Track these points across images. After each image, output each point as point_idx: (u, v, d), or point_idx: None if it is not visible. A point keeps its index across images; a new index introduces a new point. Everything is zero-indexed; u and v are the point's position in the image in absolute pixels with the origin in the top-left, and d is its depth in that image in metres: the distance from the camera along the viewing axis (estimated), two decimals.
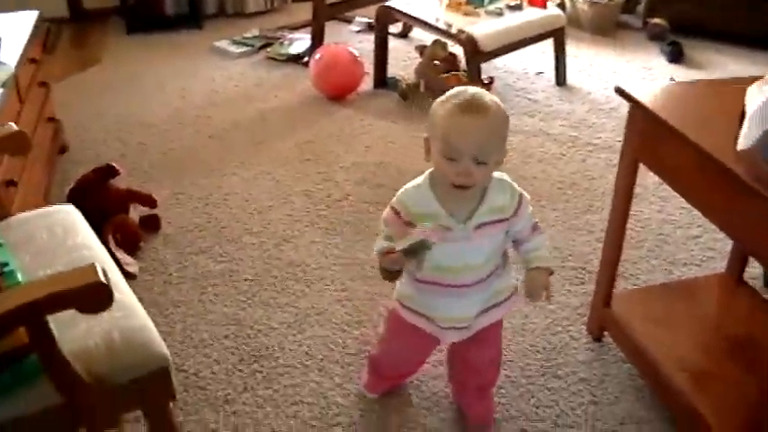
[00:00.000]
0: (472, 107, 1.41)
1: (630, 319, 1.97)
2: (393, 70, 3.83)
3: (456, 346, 1.76)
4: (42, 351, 1.26)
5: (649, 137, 1.71)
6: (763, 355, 1.85)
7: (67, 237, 1.68)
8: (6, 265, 1.46)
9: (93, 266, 1.23)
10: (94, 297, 1.22)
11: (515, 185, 1.56)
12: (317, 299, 2.27)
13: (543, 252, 1.61)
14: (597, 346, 2.10)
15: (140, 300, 1.57)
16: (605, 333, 2.08)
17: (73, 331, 1.37)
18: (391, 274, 1.54)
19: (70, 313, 1.22)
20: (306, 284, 2.34)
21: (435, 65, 3.58)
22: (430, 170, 1.52)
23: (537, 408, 1.91)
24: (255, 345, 2.11)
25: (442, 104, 1.45)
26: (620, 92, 1.75)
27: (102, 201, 2.50)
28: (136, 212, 2.59)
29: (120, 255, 2.39)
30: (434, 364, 1.97)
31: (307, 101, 3.60)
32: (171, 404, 1.50)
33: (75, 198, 2.46)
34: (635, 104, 1.72)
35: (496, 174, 1.53)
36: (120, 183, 2.60)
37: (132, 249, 2.48)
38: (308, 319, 2.19)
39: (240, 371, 2.02)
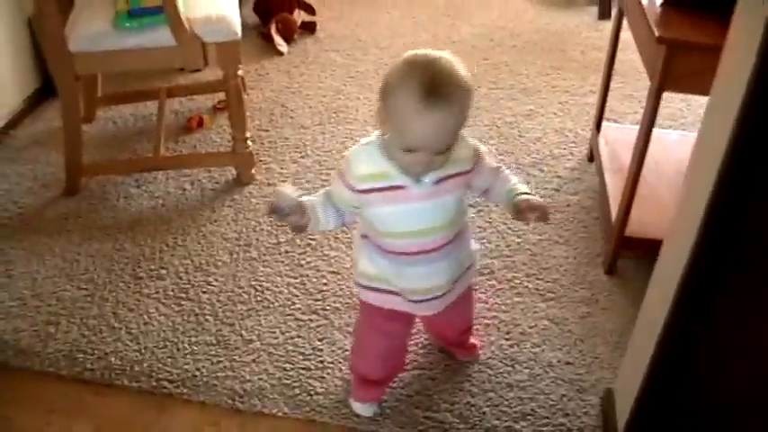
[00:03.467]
0: (435, 95, 1.25)
1: None
2: None
3: (429, 318, 1.71)
4: (170, 10, 2.18)
5: None
6: None
7: None
8: None
9: None
10: None
11: (471, 139, 1.48)
12: None
13: (517, 184, 1.53)
14: None
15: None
16: None
17: (190, 5, 2.29)
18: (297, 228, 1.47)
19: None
20: None
21: None
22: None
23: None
24: None
25: (400, 82, 1.29)
26: None
27: (278, 1, 3.45)
28: (300, 16, 3.51)
29: (277, 37, 3.34)
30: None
31: None
32: (240, 71, 2.38)
33: None
34: None
35: None
36: None
37: (288, 39, 3.41)
38: None
39: None
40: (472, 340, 1.90)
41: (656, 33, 1.80)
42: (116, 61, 2.28)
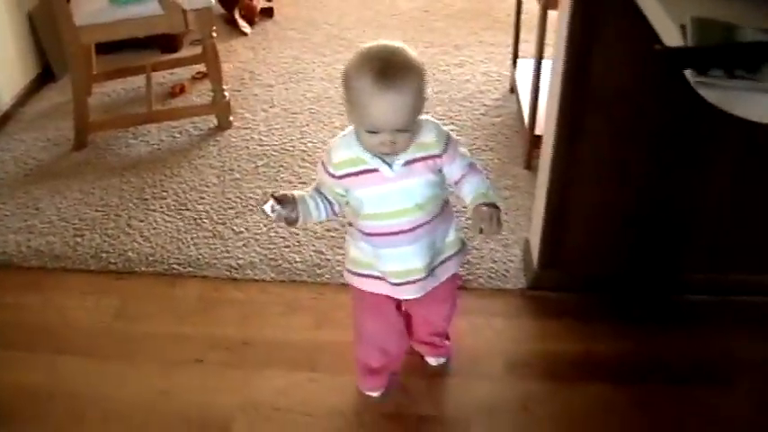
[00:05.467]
0: (388, 77, 1.35)
1: None
2: None
3: (410, 303, 1.74)
4: None
5: None
6: None
7: None
8: None
9: None
10: None
11: (442, 126, 1.55)
12: None
13: (484, 189, 1.55)
14: None
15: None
16: None
17: None
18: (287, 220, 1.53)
19: None
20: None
21: None
22: None
23: None
24: None
25: (357, 70, 1.39)
26: None
27: None
28: (259, 3, 4.04)
29: (240, 21, 3.87)
30: None
31: None
32: (214, 33, 2.90)
33: None
34: None
35: (422, 116, 1.48)
36: None
37: (250, 22, 3.94)
38: None
39: None
40: (444, 345, 1.94)
41: None
42: (114, 30, 2.80)
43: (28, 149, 3.00)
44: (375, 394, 1.89)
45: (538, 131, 2.66)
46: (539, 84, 2.56)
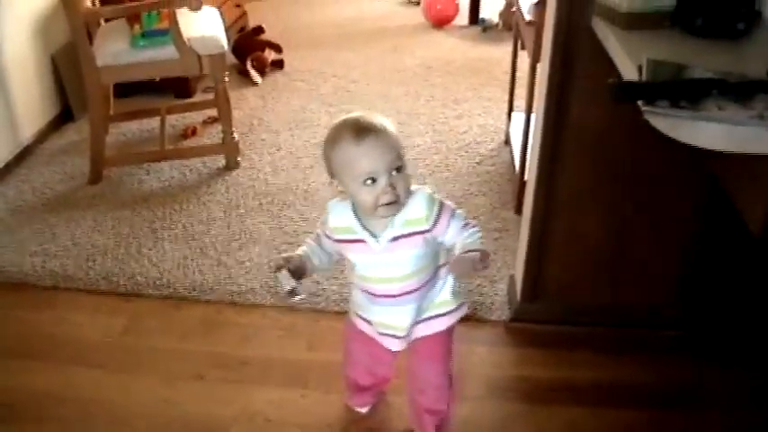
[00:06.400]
0: (364, 127, 1.44)
1: None
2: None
3: (408, 359, 1.78)
4: (174, 31, 2.91)
5: None
6: None
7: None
8: None
9: None
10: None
11: (435, 196, 1.55)
12: None
13: (471, 240, 1.54)
14: None
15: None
16: None
17: (188, 29, 3.03)
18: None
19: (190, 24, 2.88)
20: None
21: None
22: None
23: None
24: None
25: (333, 138, 1.47)
26: None
27: (251, 43, 4.22)
28: (270, 55, 4.27)
29: (252, 71, 4.09)
30: None
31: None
32: (226, 78, 3.10)
33: (237, 40, 4.21)
34: None
35: (414, 186, 1.53)
36: (264, 36, 4.31)
37: (261, 73, 4.16)
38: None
39: None
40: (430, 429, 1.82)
41: (527, 19, 2.56)
42: (132, 71, 3.00)
43: (46, 182, 3.18)
44: (363, 410, 1.99)
45: (527, 177, 2.83)
46: (528, 132, 2.74)
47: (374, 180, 1.44)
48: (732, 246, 2.08)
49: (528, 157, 2.65)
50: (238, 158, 3.22)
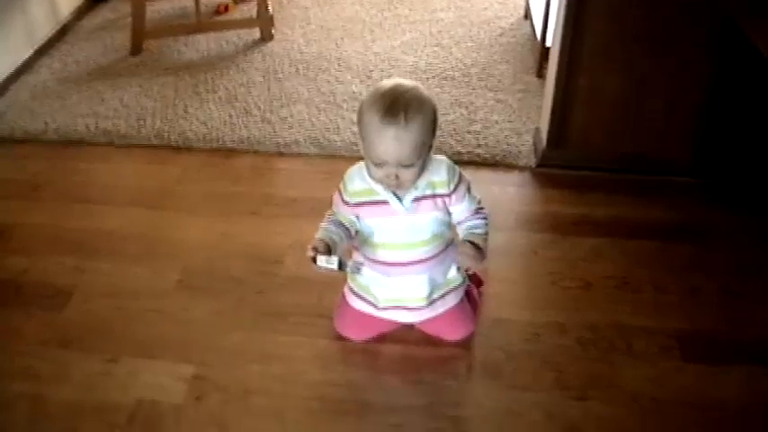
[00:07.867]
0: (395, 113, 1.40)
1: None
2: None
3: (424, 324, 1.79)
4: None
5: None
6: None
7: None
8: None
9: None
10: None
11: (456, 168, 1.61)
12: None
13: (479, 230, 1.61)
14: None
15: None
16: None
17: None
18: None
19: None
20: None
21: None
22: None
23: None
24: None
25: (368, 106, 1.45)
26: None
27: None
28: None
29: None
30: None
31: None
32: None
33: None
34: None
35: (437, 156, 1.57)
36: None
37: None
38: None
39: None
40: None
41: None
42: None
43: (88, 55, 3.34)
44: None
45: (548, 44, 2.99)
46: (549, 3, 2.88)
47: (380, 164, 1.48)
48: (744, 96, 2.25)
49: (550, 26, 2.81)
50: (272, 30, 3.35)
